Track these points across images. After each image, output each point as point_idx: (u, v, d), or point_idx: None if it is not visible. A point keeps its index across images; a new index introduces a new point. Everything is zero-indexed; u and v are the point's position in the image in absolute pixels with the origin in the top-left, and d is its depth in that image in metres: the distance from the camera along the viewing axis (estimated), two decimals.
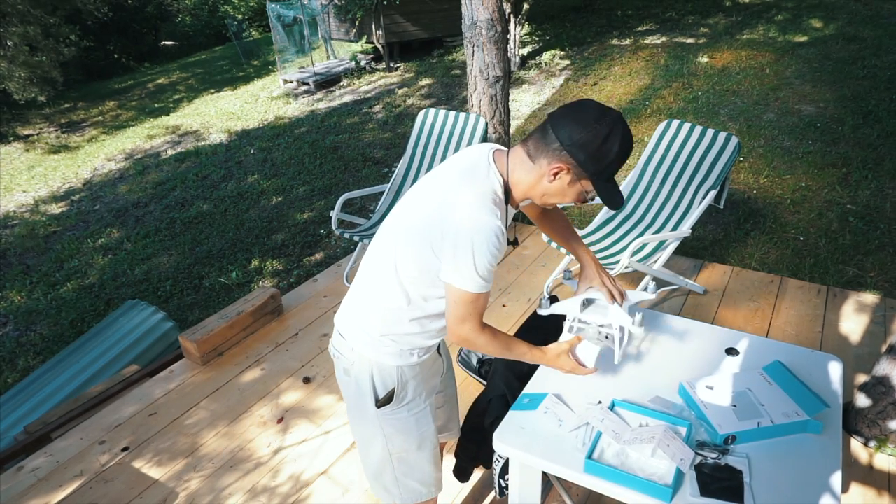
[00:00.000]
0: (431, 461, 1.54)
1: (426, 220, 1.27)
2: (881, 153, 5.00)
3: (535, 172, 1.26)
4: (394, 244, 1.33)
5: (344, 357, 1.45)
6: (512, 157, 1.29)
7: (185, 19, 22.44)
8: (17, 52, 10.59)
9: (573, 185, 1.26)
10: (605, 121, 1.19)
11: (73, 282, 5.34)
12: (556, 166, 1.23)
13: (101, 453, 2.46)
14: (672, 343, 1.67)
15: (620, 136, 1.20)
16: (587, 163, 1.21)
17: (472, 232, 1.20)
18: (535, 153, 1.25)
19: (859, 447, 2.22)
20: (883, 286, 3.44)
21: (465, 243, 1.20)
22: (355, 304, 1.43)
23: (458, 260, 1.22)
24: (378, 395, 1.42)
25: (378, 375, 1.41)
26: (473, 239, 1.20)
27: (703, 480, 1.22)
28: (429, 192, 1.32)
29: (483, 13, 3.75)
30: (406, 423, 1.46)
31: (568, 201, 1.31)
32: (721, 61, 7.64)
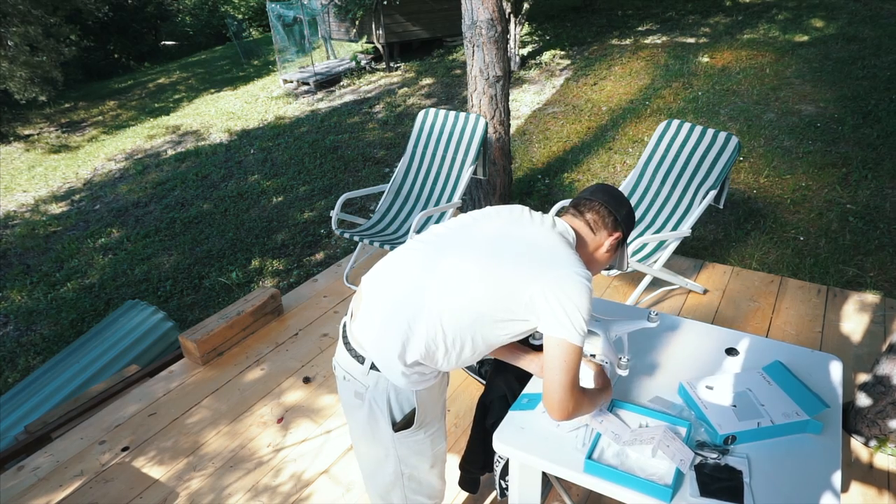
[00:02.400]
0: (440, 476, 1.55)
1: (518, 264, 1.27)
2: (881, 153, 5.00)
3: (594, 243, 1.41)
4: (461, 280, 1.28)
5: (357, 381, 1.36)
6: (575, 228, 1.41)
7: (185, 19, 22.44)
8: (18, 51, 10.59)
9: (614, 253, 1.45)
10: (627, 198, 1.47)
11: (73, 282, 5.34)
12: (616, 236, 1.41)
13: (102, 453, 2.46)
14: (672, 343, 1.67)
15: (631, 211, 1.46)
16: (628, 230, 1.44)
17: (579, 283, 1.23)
18: (597, 227, 1.40)
19: (859, 447, 2.22)
20: (883, 286, 3.44)
21: (575, 295, 1.22)
22: (387, 331, 1.30)
23: (572, 311, 1.22)
24: (395, 418, 1.36)
25: (395, 400, 1.34)
26: (579, 289, 1.23)
27: (703, 480, 1.22)
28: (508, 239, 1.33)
29: (483, 13, 3.75)
30: (422, 445, 1.44)
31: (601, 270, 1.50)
32: (721, 61, 7.64)
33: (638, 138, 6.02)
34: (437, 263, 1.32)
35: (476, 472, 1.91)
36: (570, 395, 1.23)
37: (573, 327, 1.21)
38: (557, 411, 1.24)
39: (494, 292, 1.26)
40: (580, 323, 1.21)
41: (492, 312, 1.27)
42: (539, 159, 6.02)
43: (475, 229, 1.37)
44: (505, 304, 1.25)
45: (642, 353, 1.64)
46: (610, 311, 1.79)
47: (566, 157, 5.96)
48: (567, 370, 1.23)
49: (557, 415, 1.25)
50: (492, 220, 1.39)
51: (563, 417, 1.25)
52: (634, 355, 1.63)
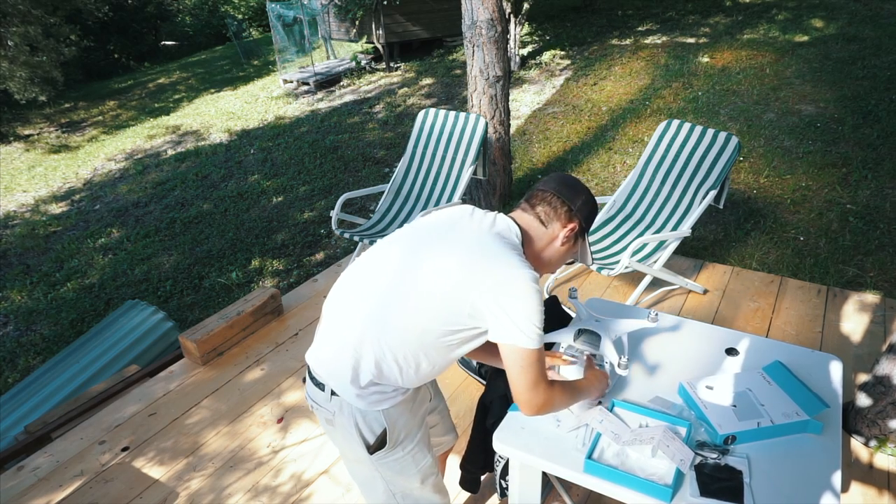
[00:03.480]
0: (436, 490, 1.50)
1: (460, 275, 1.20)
2: (881, 153, 4.99)
3: (546, 237, 1.34)
4: (403, 295, 1.24)
5: (324, 409, 1.35)
6: (524, 224, 1.34)
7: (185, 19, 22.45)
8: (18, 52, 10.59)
9: (574, 246, 1.37)
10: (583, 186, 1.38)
11: (73, 282, 5.34)
12: (571, 226, 1.34)
13: (102, 453, 2.46)
14: (672, 343, 1.67)
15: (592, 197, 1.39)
16: (588, 220, 1.37)
17: (523, 286, 1.18)
18: (548, 219, 1.33)
19: (859, 447, 2.22)
20: (883, 286, 3.44)
21: (519, 299, 1.18)
22: (342, 351, 1.29)
23: (517, 317, 1.17)
24: (368, 441, 1.33)
25: (363, 422, 1.31)
26: (525, 293, 1.18)
27: (703, 480, 1.22)
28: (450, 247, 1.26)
29: (483, 13, 3.75)
30: (404, 464, 1.39)
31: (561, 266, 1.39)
32: (721, 61, 7.64)
33: (638, 138, 6.02)
34: (376, 282, 1.29)
35: (476, 472, 1.91)
36: (535, 393, 1.23)
37: (520, 331, 1.18)
38: (527, 409, 1.25)
39: (433, 305, 1.21)
40: (527, 325, 1.18)
41: (436, 326, 1.22)
42: (539, 159, 6.02)
43: (413, 240, 1.31)
44: (446, 316, 1.21)
45: (642, 353, 1.64)
46: (610, 311, 1.79)
47: (566, 157, 5.96)
48: (525, 372, 1.21)
49: (528, 412, 1.26)
50: (430, 228, 1.32)
51: (535, 413, 1.27)
52: (634, 355, 1.63)
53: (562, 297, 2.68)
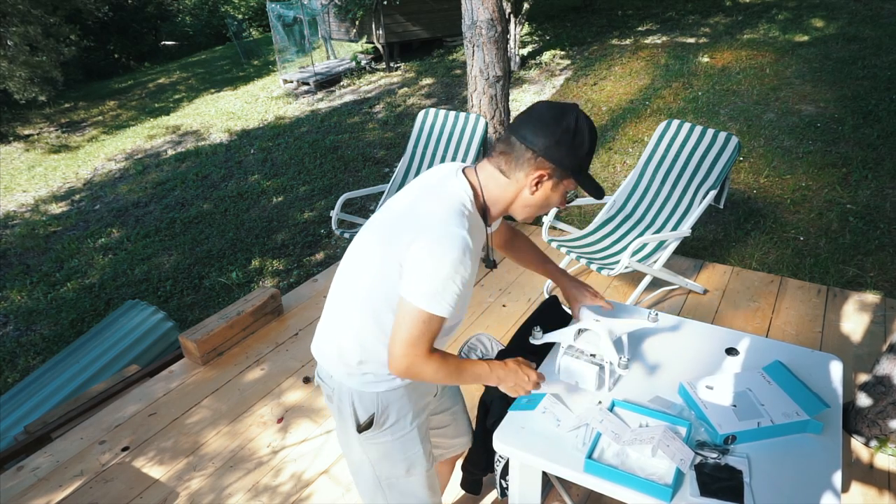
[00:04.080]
0: (425, 485, 1.48)
1: (390, 235, 1.20)
2: (881, 153, 4.99)
3: (512, 187, 1.23)
4: (360, 266, 1.27)
5: (325, 384, 1.40)
6: (483, 176, 1.24)
7: (185, 19, 22.45)
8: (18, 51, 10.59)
9: (556, 188, 1.24)
10: (567, 117, 1.18)
11: (73, 282, 5.34)
12: (536, 175, 1.20)
13: (102, 453, 2.46)
14: (672, 343, 1.67)
15: (587, 126, 1.19)
16: (565, 161, 1.19)
17: (436, 242, 1.12)
18: (508, 168, 1.21)
19: (860, 447, 2.22)
20: (883, 286, 3.44)
21: (427, 255, 1.12)
22: (328, 331, 1.36)
23: (420, 272, 1.13)
24: (359, 420, 1.35)
25: (358, 402, 1.34)
26: (437, 250, 1.12)
27: (703, 480, 1.22)
28: (393, 210, 1.27)
29: (483, 13, 3.75)
30: (390, 448, 1.39)
31: (552, 207, 1.29)
32: (721, 61, 7.64)
33: (638, 138, 6.02)
34: (345, 264, 1.33)
35: (479, 474, 1.90)
36: (407, 353, 1.17)
37: (416, 287, 1.13)
38: (394, 365, 1.20)
39: (383, 274, 1.20)
40: (427, 283, 1.12)
41: (383, 297, 1.22)
42: None
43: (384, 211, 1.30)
44: (387, 286, 1.21)
45: (642, 353, 1.64)
46: (610, 312, 1.79)
47: None
48: (408, 328, 1.16)
49: (394, 369, 1.21)
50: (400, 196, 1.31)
51: (399, 374, 1.21)
52: (635, 355, 1.63)
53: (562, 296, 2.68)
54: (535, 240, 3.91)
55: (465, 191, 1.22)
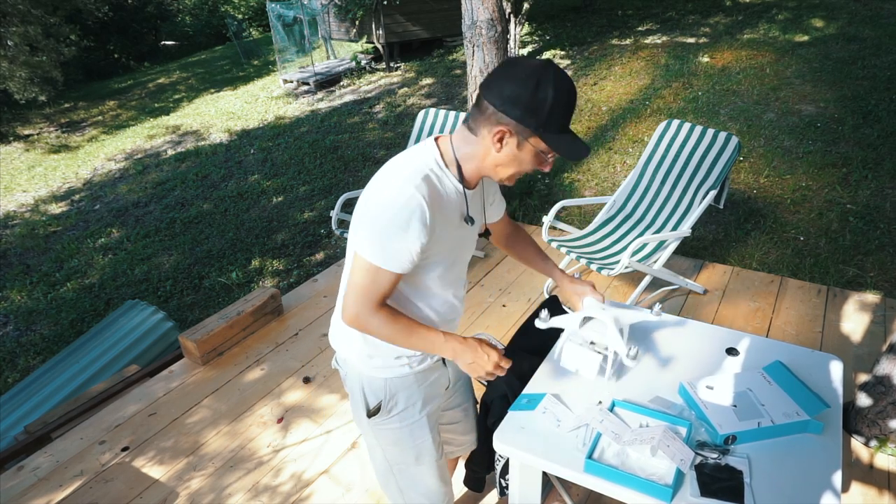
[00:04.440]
0: (435, 475, 1.50)
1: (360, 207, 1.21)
2: (881, 153, 4.99)
3: (480, 145, 1.18)
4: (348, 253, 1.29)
5: (340, 368, 1.46)
6: (455, 137, 1.23)
7: (185, 19, 22.45)
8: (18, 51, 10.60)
9: (522, 146, 1.16)
10: (533, 70, 1.11)
11: (73, 282, 5.34)
12: (497, 131, 1.14)
13: (102, 453, 2.46)
14: (672, 343, 1.67)
15: (553, 80, 1.10)
16: (525, 117, 1.11)
17: (381, 195, 1.14)
18: (475, 125, 1.17)
19: (860, 447, 2.22)
20: (883, 286, 3.44)
21: (377, 210, 1.14)
22: (336, 318, 1.41)
23: (364, 223, 1.16)
24: (369, 405, 1.39)
25: (368, 387, 1.38)
26: (381, 201, 1.14)
27: (704, 480, 1.22)
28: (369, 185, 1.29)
29: (483, 13, 3.75)
30: (399, 434, 1.42)
31: (528, 168, 1.20)
32: (721, 61, 7.64)
33: (638, 138, 6.02)
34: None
35: (482, 472, 1.90)
36: (356, 305, 1.19)
37: (365, 238, 1.15)
38: (344, 315, 1.23)
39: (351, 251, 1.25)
40: (372, 235, 1.14)
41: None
42: None
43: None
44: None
45: (642, 352, 1.64)
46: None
47: None
48: (357, 278, 1.19)
49: (344, 319, 1.23)
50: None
51: (349, 324, 1.23)
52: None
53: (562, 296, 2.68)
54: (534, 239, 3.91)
55: (429, 153, 1.20)
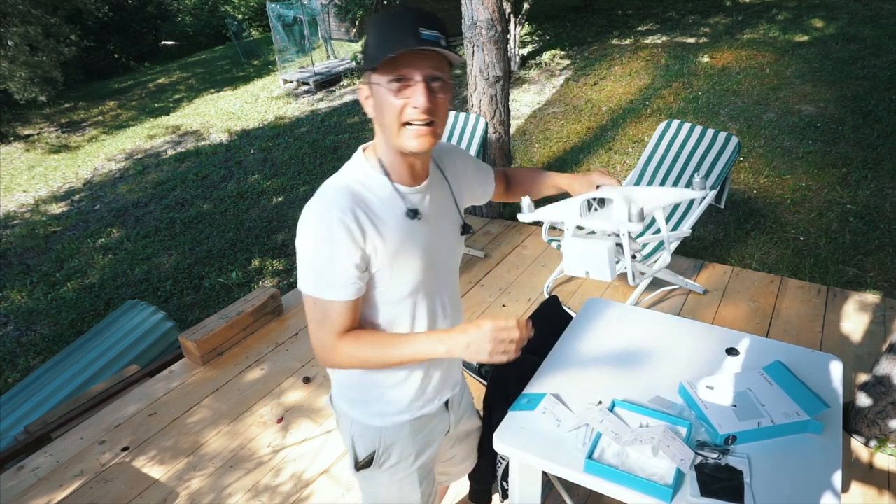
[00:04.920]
0: None
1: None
2: (881, 153, 4.99)
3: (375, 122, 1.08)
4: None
5: (333, 408, 1.34)
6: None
7: (185, 19, 22.43)
8: (18, 51, 10.59)
9: (375, 92, 1.03)
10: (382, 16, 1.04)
11: (73, 282, 5.34)
12: (362, 92, 1.08)
13: (102, 453, 2.46)
14: (672, 343, 1.67)
15: (377, 19, 1.02)
16: (364, 64, 1.04)
17: (305, 227, 1.05)
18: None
19: (859, 447, 2.22)
20: (883, 286, 3.44)
21: (300, 241, 1.06)
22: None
23: (299, 259, 1.07)
24: (357, 457, 1.28)
25: (359, 436, 1.27)
26: (306, 233, 1.05)
27: (704, 480, 1.22)
28: None
29: (483, 13, 3.75)
30: (387, 490, 1.33)
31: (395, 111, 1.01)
32: (721, 61, 7.64)
33: (638, 138, 6.02)
34: None
35: (488, 483, 1.81)
36: (314, 340, 1.11)
37: (300, 277, 1.08)
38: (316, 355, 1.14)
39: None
40: (302, 269, 1.06)
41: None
42: (539, 159, 6.02)
43: None
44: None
45: (642, 352, 1.64)
46: (609, 311, 1.78)
47: (566, 157, 5.96)
48: (308, 316, 1.10)
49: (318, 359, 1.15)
50: None
51: (322, 364, 1.15)
52: (633, 353, 1.62)
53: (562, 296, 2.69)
54: (534, 240, 3.91)
55: (353, 164, 1.13)
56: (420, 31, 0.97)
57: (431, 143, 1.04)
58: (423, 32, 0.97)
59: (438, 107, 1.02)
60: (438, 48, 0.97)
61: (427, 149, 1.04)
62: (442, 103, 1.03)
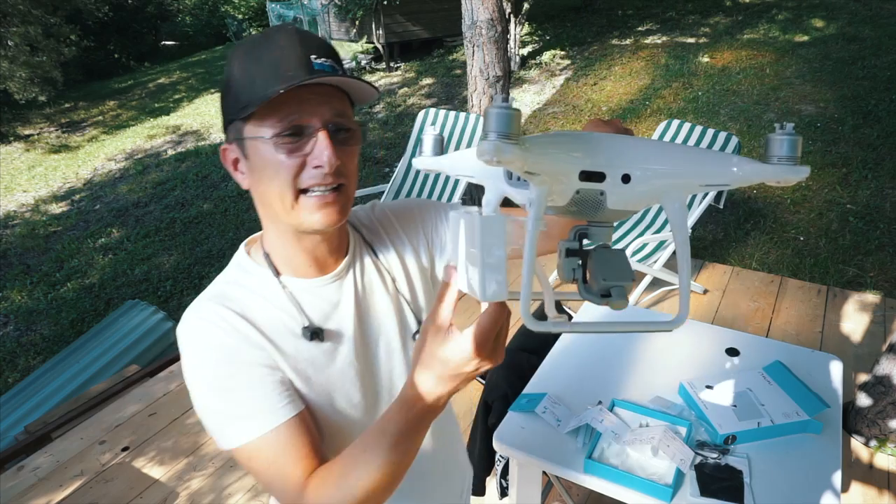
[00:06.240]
0: None
1: None
2: (881, 153, 4.99)
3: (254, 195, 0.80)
4: None
5: None
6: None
7: (185, 19, 22.44)
8: (18, 51, 10.60)
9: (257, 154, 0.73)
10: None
11: (73, 282, 5.34)
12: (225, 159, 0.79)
13: (102, 453, 2.46)
14: (672, 343, 1.67)
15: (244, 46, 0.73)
16: (231, 109, 0.73)
17: (183, 360, 0.77)
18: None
19: (859, 447, 2.22)
20: (883, 286, 3.44)
21: (185, 380, 0.78)
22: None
23: (195, 406, 0.78)
24: None
25: None
26: (185, 367, 0.77)
27: (704, 480, 1.22)
28: None
29: (483, 13, 3.75)
30: None
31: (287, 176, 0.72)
32: (721, 61, 7.64)
33: None
34: None
35: (482, 475, 1.89)
36: (278, 498, 0.74)
37: (207, 427, 0.78)
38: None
39: None
40: (205, 419, 0.77)
41: None
42: None
43: None
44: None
45: (642, 352, 1.64)
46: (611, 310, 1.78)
47: None
48: (250, 469, 0.75)
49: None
50: None
51: None
52: (633, 353, 1.62)
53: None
54: None
55: (232, 263, 0.86)
56: (311, 59, 0.70)
57: (341, 215, 0.75)
58: (315, 61, 0.70)
59: (348, 162, 0.74)
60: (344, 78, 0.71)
61: (336, 224, 0.74)
62: (351, 157, 0.75)
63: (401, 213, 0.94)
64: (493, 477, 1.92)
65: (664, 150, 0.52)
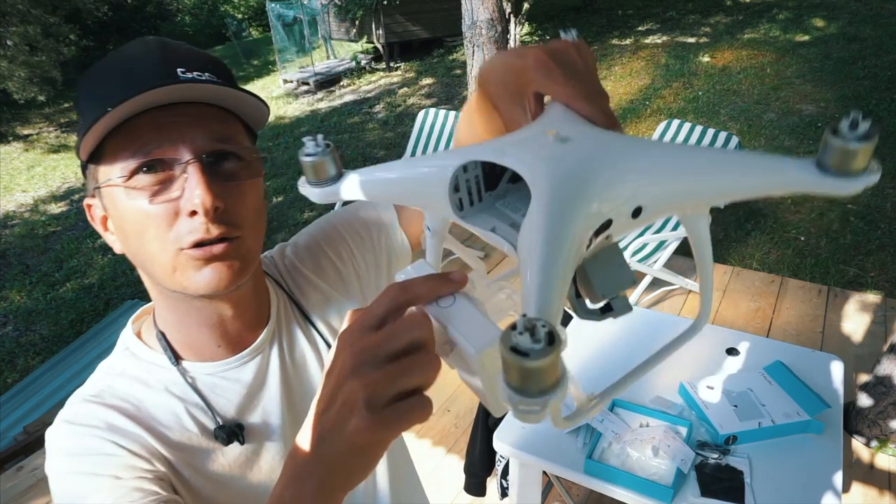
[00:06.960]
0: None
1: None
2: (881, 153, 4.99)
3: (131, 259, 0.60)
4: None
5: None
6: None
7: (184, 19, 22.45)
8: (18, 51, 10.60)
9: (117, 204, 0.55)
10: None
11: (72, 282, 5.34)
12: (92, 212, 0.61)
13: None
14: None
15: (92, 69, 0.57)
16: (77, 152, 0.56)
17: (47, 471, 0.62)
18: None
19: (860, 447, 2.22)
20: (883, 286, 3.44)
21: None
22: None
23: None
24: None
25: None
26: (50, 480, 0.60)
27: (704, 481, 1.22)
28: None
29: (483, 13, 3.75)
30: None
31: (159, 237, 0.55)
32: (722, 61, 7.63)
33: None
34: None
35: (483, 475, 1.88)
36: None
37: None
38: None
39: None
40: None
41: None
42: None
43: None
44: None
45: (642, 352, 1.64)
46: None
47: None
48: None
49: None
50: None
51: None
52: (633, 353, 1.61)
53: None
54: None
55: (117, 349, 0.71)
56: (175, 71, 0.53)
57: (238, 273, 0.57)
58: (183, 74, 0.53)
59: (238, 203, 0.56)
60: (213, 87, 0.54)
61: (231, 284, 0.56)
62: (243, 195, 0.57)
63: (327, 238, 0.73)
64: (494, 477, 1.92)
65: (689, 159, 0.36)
